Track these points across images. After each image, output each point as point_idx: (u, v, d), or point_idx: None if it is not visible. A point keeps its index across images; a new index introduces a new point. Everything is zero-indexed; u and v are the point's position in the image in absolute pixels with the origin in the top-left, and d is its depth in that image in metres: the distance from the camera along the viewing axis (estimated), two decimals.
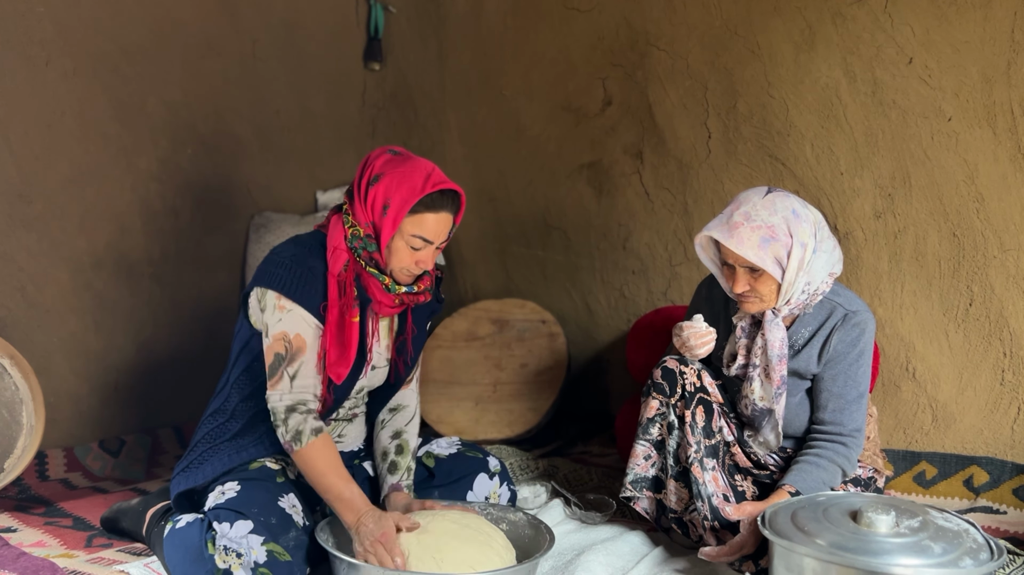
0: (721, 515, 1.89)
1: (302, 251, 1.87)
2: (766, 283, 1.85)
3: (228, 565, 1.68)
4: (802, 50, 2.58)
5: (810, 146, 2.59)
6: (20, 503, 2.34)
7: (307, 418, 1.78)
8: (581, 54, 3.15)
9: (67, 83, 2.61)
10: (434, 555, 1.67)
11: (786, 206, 1.84)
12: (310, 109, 3.26)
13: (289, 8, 3.19)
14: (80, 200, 2.66)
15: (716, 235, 1.83)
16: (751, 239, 1.80)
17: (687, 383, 1.97)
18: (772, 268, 1.81)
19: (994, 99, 2.25)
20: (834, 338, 1.91)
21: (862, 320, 1.91)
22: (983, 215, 2.29)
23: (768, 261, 1.81)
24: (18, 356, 2.23)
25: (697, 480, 1.91)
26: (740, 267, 1.85)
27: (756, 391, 1.94)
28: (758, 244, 1.80)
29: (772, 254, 1.81)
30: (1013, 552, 1.91)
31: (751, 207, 1.84)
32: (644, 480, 2.01)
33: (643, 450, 2.01)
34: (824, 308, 1.94)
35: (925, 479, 2.37)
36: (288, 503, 1.80)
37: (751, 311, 1.91)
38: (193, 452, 1.93)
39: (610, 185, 3.12)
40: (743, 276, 1.85)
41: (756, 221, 1.81)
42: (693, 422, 1.95)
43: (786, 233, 1.82)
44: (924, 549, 1.52)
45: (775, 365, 1.90)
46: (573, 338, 3.22)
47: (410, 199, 1.82)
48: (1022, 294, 2.25)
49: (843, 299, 1.94)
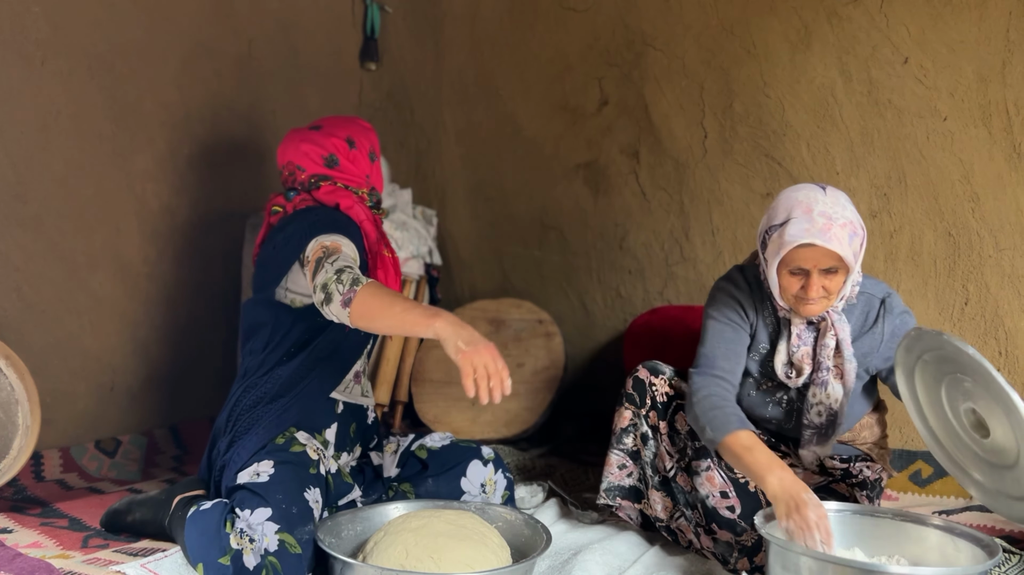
0: (718, 516, 1.89)
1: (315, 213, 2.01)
2: (838, 281, 1.77)
3: (241, 547, 1.71)
4: (798, 50, 2.58)
5: (806, 146, 2.59)
6: (16, 504, 2.33)
7: (358, 274, 1.80)
8: (577, 54, 3.15)
9: (63, 83, 2.60)
10: (432, 555, 1.67)
11: (847, 199, 1.79)
12: (306, 109, 3.25)
13: (285, 8, 3.18)
14: (76, 200, 2.65)
15: (814, 240, 1.70)
16: (842, 237, 1.72)
17: (657, 394, 1.97)
18: (852, 263, 1.74)
19: (989, 99, 2.26)
20: (886, 328, 1.85)
21: (897, 299, 1.88)
22: (978, 214, 2.30)
23: (851, 257, 1.74)
24: (13, 356, 2.22)
25: (683, 489, 1.91)
26: (817, 271, 1.75)
27: (833, 393, 1.85)
28: (847, 241, 1.73)
29: (853, 250, 1.75)
30: (1009, 551, 1.92)
31: (825, 206, 1.74)
32: (618, 489, 2.01)
33: (617, 459, 2.00)
34: (855, 301, 1.88)
35: (921, 478, 2.37)
36: (313, 497, 1.82)
37: (815, 313, 1.80)
38: (238, 422, 1.97)
39: (606, 185, 3.12)
40: (819, 279, 1.75)
41: (840, 219, 1.73)
42: (672, 431, 1.94)
43: (860, 226, 1.77)
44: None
45: (847, 363, 1.83)
46: (570, 338, 3.22)
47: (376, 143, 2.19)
48: (1017, 293, 2.25)
49: (867, 286, 1.89)
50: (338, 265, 1.82)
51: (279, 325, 2.03)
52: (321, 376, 2.02)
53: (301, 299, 2.02)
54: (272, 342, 2.03)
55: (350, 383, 2.10)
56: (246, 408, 1.98)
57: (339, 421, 2.07)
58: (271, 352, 2.02)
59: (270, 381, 1.99)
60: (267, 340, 2.04)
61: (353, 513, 1.91)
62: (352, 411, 2.12)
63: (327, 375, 2.03)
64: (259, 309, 2.06)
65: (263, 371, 2.01)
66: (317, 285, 1.82)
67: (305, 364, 2.00)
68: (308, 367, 2.01)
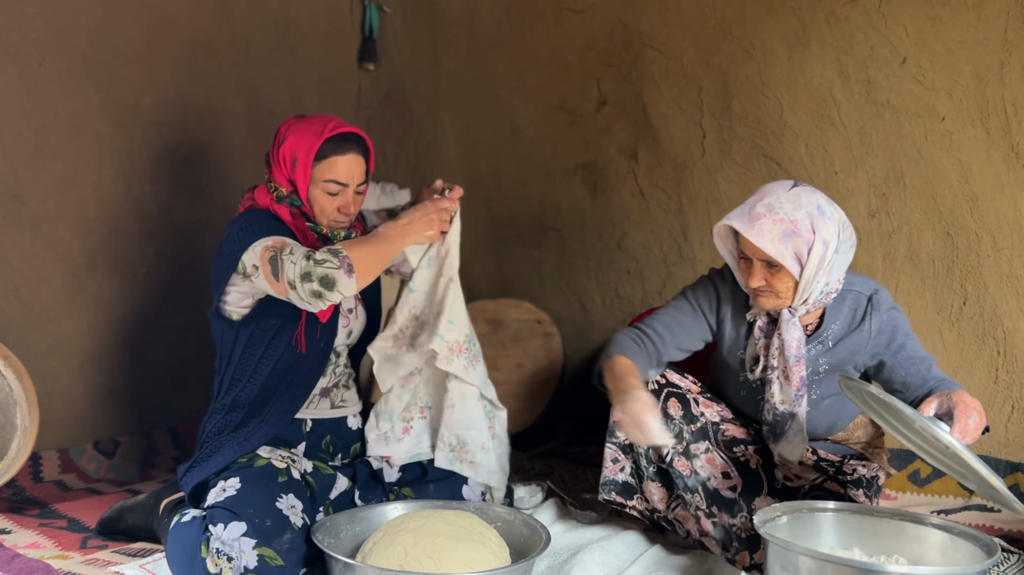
0: (720, 498, 1.89)
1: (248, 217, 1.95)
2: (783, 279, 1.79)
3: (219, 569, 1.67)
4: (796, 50, 2.58)
5: (804, 146, 2.59)
6: (14, 505, 2.33)
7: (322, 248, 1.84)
8: (575, 54, 3.15)
9: (61, 84, 2.60)
10: (431, 555, 1.67)
11: (811, 201, 1.77)
12: (305, 110, 3.25)
13: (283, 8, 3.18)
14: (74, 201, 2.65)
15: (736, 224, 1.76)
16: (772, 232, 1.73)
17: (649, 384, 1.97)
18: (791, 264, 1.75)
19: (987, 98, 2.26)
20: (873, 325, 1.85)
21: (885, 296, 1.89)
22: (976, 214, 2.30)
23: (787, 256, 1.74)
24: (12, 357, 2.22)
25: (682, 474, 1.90)
26: (758, 260, 1.79)
27: (776, 395, 1.87)
28: (779, 238, 1.73)
29: (792, 249, 1.74)
30: (1007, 550, 1.92)
31: (775, 199, 1.77)
32: (613, 483, 2.00)
33: (610, 453, 2.00)
34: (843, 297, 1.89)
35: (920, 478, 2.37)
36: (287, 504, 1.80)
37: (766, 307, 1.84)
38: (201, 449, 1.94)
39: (605, 185, 3.12)
40: (760, 270, 1.79)
41: (779, 214, 1.74)
42: (666, 417, 1.93)
43: (809, 229, 1.74)
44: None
45: (792, 366, 1.84)
46: (568, 338, 3.22)
47: (314, 146, 1.94)
48: (1015, 293, 2.26)
49: (855, 284, 1.90)
50: (299, 252, 1.81)
51: (225, 340, 2.00)
52: (282, 401, 1.97)
53: (237, 311, 1.97)
54: (223, 359, 2.00)
55: (316, 399, 2.06)
56: (211, 435, 1.95)
57: (307, 440, 2.05)
58: (226, 372, 1.99)
59: (233, 409, 1.95)
60: (219, 358, 2.01)
61: (352, 513, 1.91)
62: (324, 425, 2.08)
63: (288, 400, 1.98)
64: (213, 323, 2.02)
65: (224, 394, 1.98)
66: (295, 280, 1.78)
67: (265, 390, 1.96)
68: (268, 394, 1.96)
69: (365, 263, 1.85)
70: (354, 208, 2.01)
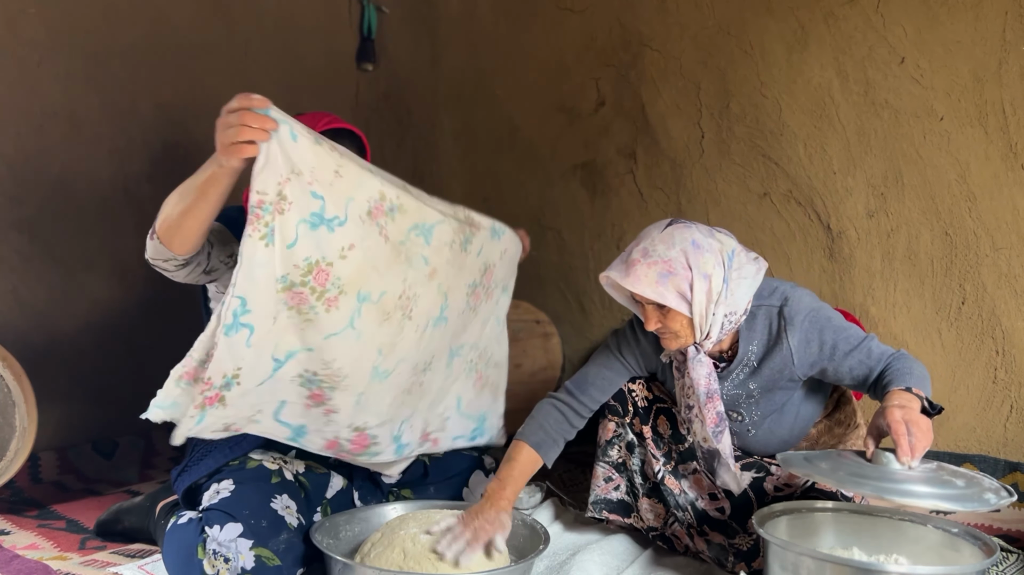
0: (709, 517, 1.89)
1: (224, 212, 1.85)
2: (675, 319, 1.74)
3: (216, 570, 1.67)
4: (794, 50, 2.58)
5: (803, 146, 2.59)
6: (13, 506, 2.33)
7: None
8: (574, 55, 3.15)
9: (59, 84, 2.60)
10: (429, 555, 1.67)
11: (684, 238, 1.73)
12: (303, 110, 3.24)
13: (281, 9, 3.18)
14: (72, 202, 2.65)
15: (613, 275, 1.74)
16: (648, 276, 1.70)
17: (638, 399, 1.96)
18: (675, 303, 1.70)
19: (985, 98, 2.26)
20: (792, 340, 1.78)
21: (796, 303, 1.79)
22: (975, 214, 2.30)
23: (669, 297, 1.70)
24: (10, 358, 2.22)
25: (672, 491, 1.90)
26: (647, 304, 1.76)
27: (699, 432, 1.83)
28: (656, 280, 1.70)
29: (674, 289, 1.70)
30: (1007, 550, 1.92)
31: (649, 242, 1.74)
32: (605, 502, 2.00)
33: (603, 471, 2.00)
34: (753, 315, 1.81)
35: None
36: (281, 504, 1.79)
37: (671, 347, 1.80)
38: (192, 453, 1.94)
39: (604, 185, 3.12)
40: (652, 314, 1.76)
41: (653, 257, 1.71)
42: (656, 435, 1.94)
43: (684, 266, 1.70)
44: (945, 482, 1.50)
45: (704, 403, 1.80)
46: (567, 338, 3.22)
47: None
48: (1014, 293, 2.26)
49: (763, 296, 1.82)
50: None
51: None
52: None
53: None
54: None
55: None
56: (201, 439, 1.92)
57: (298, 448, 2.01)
58: None
59: None
60: None
61: (351, 514, 1.91)
62: None
63: None
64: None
65: None
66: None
67: None
68: None
69: (164, 221, 1.58)
70: None
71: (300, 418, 1.76)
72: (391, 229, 1.69)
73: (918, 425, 1.54)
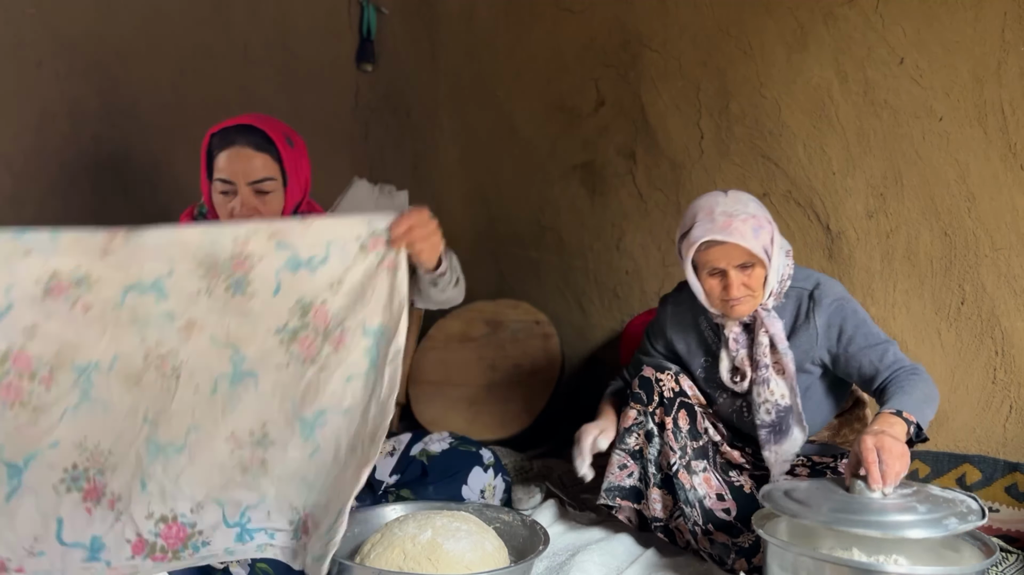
0: (715, 517, 1.89)
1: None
2: (758, 276, 1.82)
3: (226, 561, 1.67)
4: (794, 50, 2.58)
5: (802, 146, 2.59)
6: None
7: None
8: (574, 55, 3.15)
9: (58, 85, 2.60)
10: (429, 557, 1.67)
11: (749, 197, 1.85)
12: (302, 111, 3.25)
13: (281, 10, 3.18)
14: (72, 203, 2.64)
15: (715, 237, 1.77)
16: (744, 230, 1.77)
17: (665, 389, 1.97)
18: (764, 257, 1.79)
19: (985, 98, 2.26)
20: (818, 321, 1.86)
21: (827, 288, 1.88)
22: (974, 214, 2.30)
23: (760, 251, 1.78)
24: None
25: (684, 486, 1.91)
26: (732, 268, 1.80)
27: (776, 390, 1.87)
28: (752, 234, 1.78)
29: (761, 243, 1.79)
30: (1006, 550, 1.92)
31: (725, 205, 1.81)
32: (619, 489, 2.01)
33: (619, 459, 2.01)
34: (787, 297, 1.90)
35: (918, 478, 2.37)
36: None
37: (744, 313, 1.85)
38: None
39: (603, 186, 3.12)
40: (737, 276, 1.81)
41: (741, 214, 1.79)
42: (676, 427, 1.94)
43: (768, 221, 1.82)
44: (909, 509, 1.52)
45: (784, 355, 1.85)
46: (567, 339, 3.22)
47: (204, 145, 1.73)
48: (1013, 293, 2.26)
49: (798, 279, 1.91)
50: None
51: None
52: None
53: None
54: None
55: None
56: None
57: None
58: None
59: None
60: None
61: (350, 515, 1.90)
62: None
63: None
64: None
65: None
66: None
67: None
68: None
69: None
70: (260, 211, 1.76)
71: (88, 528, 1.54)
72: (91, 298, 1.56)
73: (890, 451, 1.54)
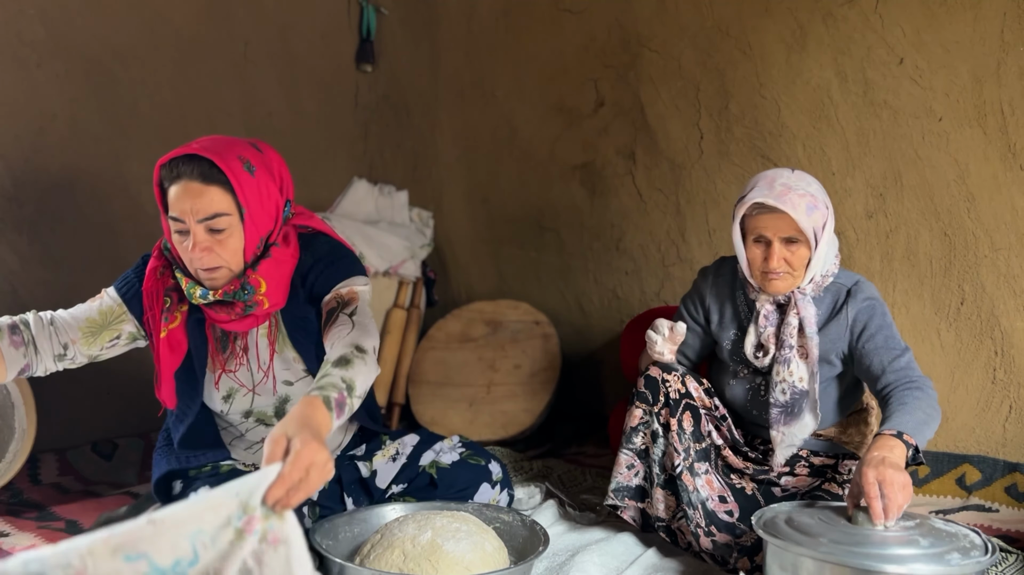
0: (717, 519, 1.89)
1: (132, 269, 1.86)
2: (801, 256, 1.84)
3: None
4: (793, 51, 2.59)
5: (802, 146, 2.59)
6: (12, 507, 2.33)
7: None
8: (573, 55, 3.15)
9: (58, 85, 2.60)
10: (429, 558, 1.67)
11: (814, 179, 1.87)
12: (302, 111, 3.25)
13: (281, 10, 3.18)
14: (71, 203, 2.65)
15: (768, 201, 1.80)
16: (798, 204, 1.79)
17: (671, 390, 1.97)
18: (811, 237, 1.81)
19: (984, 99, 2.26)
20: (850, 314, 1.89)
21: (865, 287, 1.92)
22: (974, 214, 2.30)
23: (809, 229, 1.80)
24: None
25: (687, 487, 1.91)
26: (778, 239, 1.83)
27: (795, 372, 1.89)
28: (805, 211, 1.79)
29: (812, 224, 1.81)
30: (1006, 550, 1.92)
31: (788, 179, 1.84)
32: (627, 489, 2.01)
33: (626, 459, 2.01)
34: (827, 290, 1.94)
35: (917, 478, 2.37)
36: None
37: (780, 290, 1.87)
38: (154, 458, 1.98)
39: (603, 186, 3.12)
40: (780, 250, 1.83)
41: (800, 190, 1.81)
42: (680, 429, 1.94)
43: (824, 203, 1.84)
44: (913, 542, 1.53)
45: (811, 340, 1.87)
46: (567, 339, 3.22)
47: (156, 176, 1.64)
48: (1013, 293, 2.26)
49: (840, 276, 1.95)
50: None
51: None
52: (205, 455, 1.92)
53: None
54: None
55: (255, 446, 1.99)
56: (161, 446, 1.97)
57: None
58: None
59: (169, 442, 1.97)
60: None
61: (350, 515, 1.90)
62: None
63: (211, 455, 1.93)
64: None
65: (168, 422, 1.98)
66: None
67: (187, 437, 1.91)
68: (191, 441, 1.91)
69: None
70: (204, 250, 1.64)
71: None
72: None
73: (891, 484, 1.56)
